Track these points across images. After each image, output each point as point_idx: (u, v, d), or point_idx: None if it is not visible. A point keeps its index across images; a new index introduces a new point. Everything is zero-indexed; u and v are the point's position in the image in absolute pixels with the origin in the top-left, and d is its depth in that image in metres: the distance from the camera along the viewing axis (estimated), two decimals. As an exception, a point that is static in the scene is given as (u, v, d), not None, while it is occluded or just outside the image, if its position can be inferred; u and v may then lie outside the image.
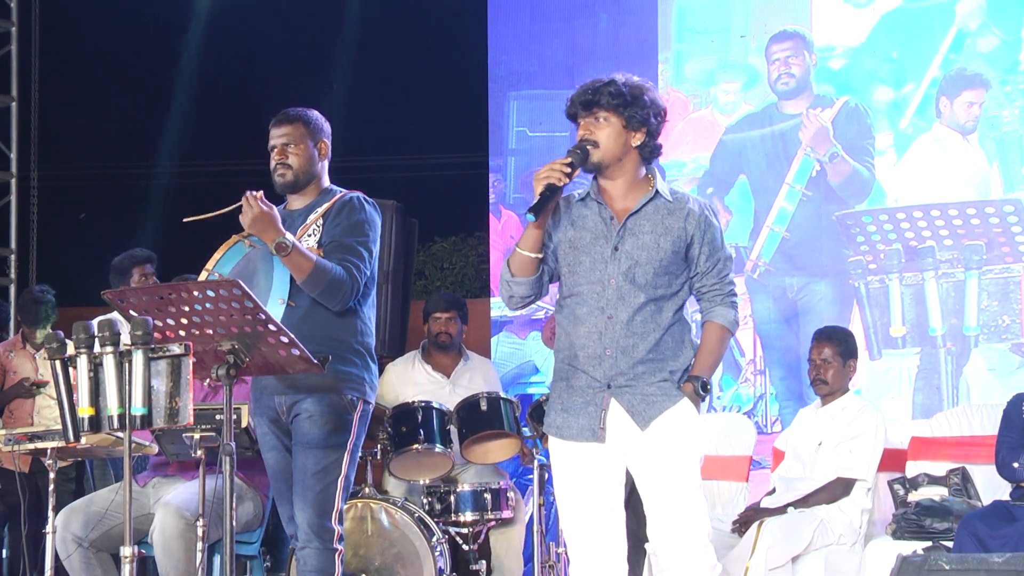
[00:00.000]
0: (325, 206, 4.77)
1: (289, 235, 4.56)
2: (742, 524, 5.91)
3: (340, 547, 4.64)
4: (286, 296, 4.64)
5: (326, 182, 4.88)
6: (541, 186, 4.09)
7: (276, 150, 4.82)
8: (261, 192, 4.61)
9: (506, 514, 6.59)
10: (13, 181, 10.57)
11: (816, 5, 8.00)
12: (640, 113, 4.23)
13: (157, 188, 14.97)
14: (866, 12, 7.89)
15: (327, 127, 4.91)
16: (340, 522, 4.66)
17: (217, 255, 4.67)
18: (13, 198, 10.56)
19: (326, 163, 4.89)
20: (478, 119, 9.07)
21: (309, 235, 4.75)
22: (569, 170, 4.13)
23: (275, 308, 4.58)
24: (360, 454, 6.37)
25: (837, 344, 6.14)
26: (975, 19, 7.64)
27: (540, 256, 4.21)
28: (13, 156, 10.56)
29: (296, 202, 4.86)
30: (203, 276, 4.63)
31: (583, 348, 4.20)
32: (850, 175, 7.80)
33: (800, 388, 7.63)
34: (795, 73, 7.98)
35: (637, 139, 4.24)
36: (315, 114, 4.90)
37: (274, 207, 4.60)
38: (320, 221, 4.76)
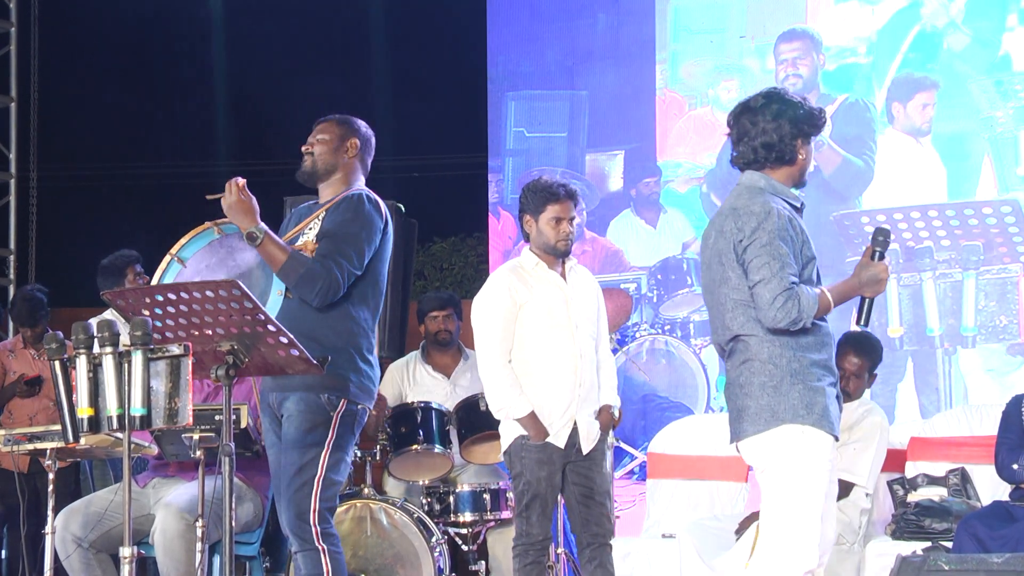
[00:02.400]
0: (334, 201, 4.78)
1: (263, 226, 4.56)
2: (741, 525, 5.92)
3: (325, 545, 4.59)
4: (284, 288, 4.65)
5: (356, 181, 4.87)
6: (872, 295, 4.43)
7: (307, 145, 4.88)
8: (244, 181, 4.60)
9: (505, 514, 6.59)
10: (12, 182, 10.58)
11: (811, 6, 8.00)
12: None
13: (156, 188, 14.98)
14: (863, 13, 7.89)
15: (364, 131, 4.93)
16: (323, 521, 4.61)
17: (183, 240, 4.67)
18: (12, 199, 10.56)
19: (357, 163, 4.88)
20: (477, 120, 9.08)
21: (310, 228, 4.76)
22: None
23: (275, 299, 4.62)
24: (359, 455, 6.44)
25: (867, 358, 6.08)
26: (940, 17, 7.66)
27: None
28: (12, 156, 10.57)
29: (323, 195, 4.88)
30: (166, 260, 4.63)
31: (832, 349, 4.41)
32: (841, 165, 7.81)
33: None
34: (802, 74, 7.96)
35: None
36: (355, 120, 4.95)
37: (253, 198, 4.60)
38: (322, 215, 4.76)
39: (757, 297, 4.22)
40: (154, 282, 4.61)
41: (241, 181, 4.60)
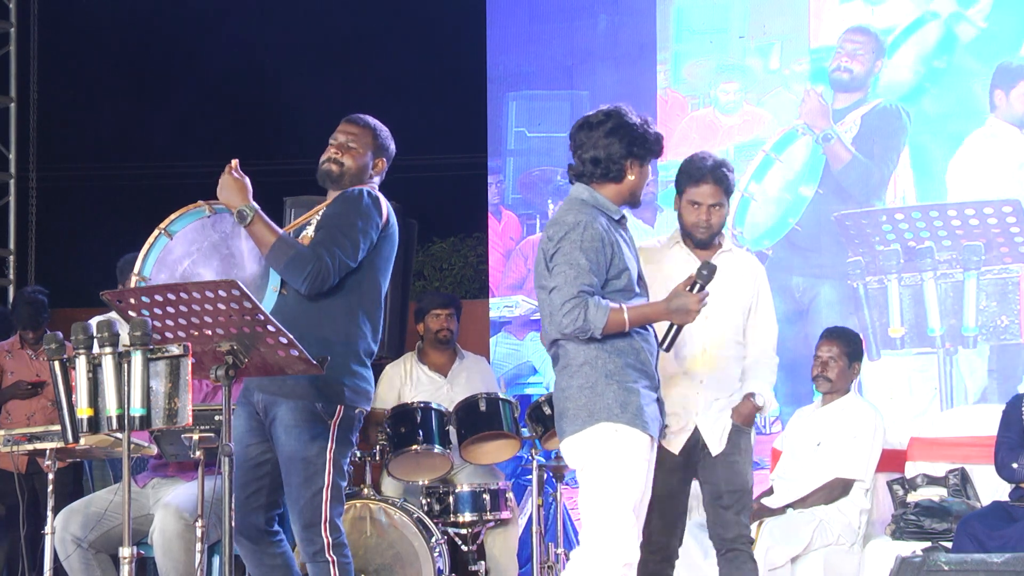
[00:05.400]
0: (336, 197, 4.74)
1: (254, 205, 4.50)
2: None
3: (334, 556, 4.53)
4: (279, 284, 4.59)
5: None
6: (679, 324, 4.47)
7: (336, 143, 4.76)
8: (236, 162, 4.58)
9: (505, 515, 6.59)
10: (12, 182, 10.58)
11: (814, 6, 8.00)
12: None
13: (156, 188, 14.98)
14: (865, 12, 7.88)
15: (392, 149, 4.87)
16: (334, 531, 4.56)
17: (173, 215, 4.62)
18: (12, 199, 10.56)
19: (376, 180, 4.83)
20: (477, 120, 9.07)
21: (309, 224, 4.72)
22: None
23: (271, 295, 4.55)
24: (359, 455, 6.44)
25: (844, 344, 6.16)
26: (947, 6, 7.64)
27: None
28: (12, 157, 10.57)
29: (331, 196, 4.79)
30: (154, 234, 4.59)
31: (651, 356, 4.48)
32: (850, 163, 7.79)
33: (801, 390, 7.63)
34: (853, 68, 7.91)
35: None
36: (387, 133, 4.86)
37: (246, 178, 4.55)
38: (324, 209, 4.73)
39: (551, 303, 4.37)
40: (141, 256, 4.57)
41: (235, 162, 4.57)
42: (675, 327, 4.45)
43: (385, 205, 4.74)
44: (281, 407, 4.56)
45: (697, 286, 4.40)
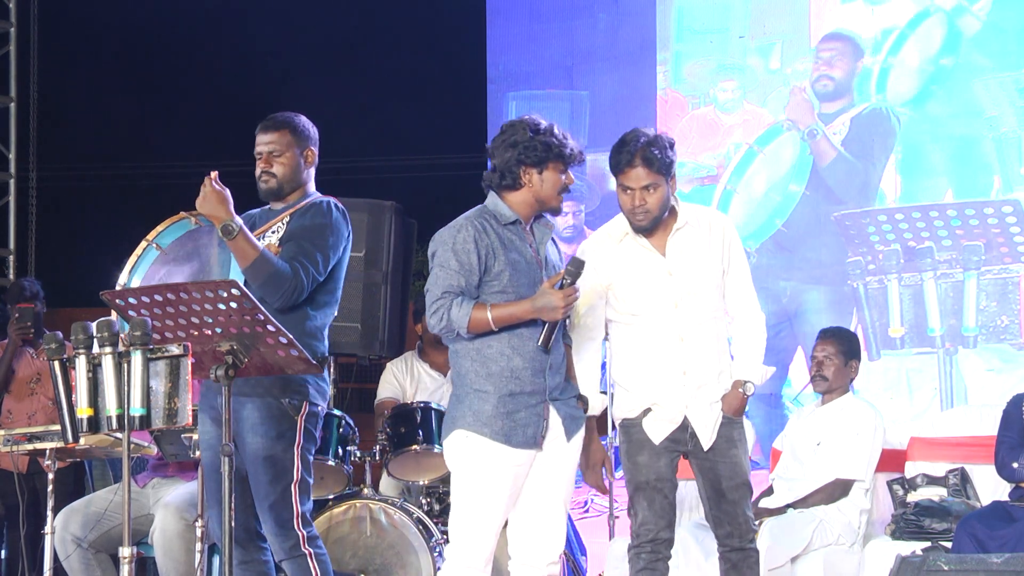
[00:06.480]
0: (297, 207, 4.75)
1: (238, 219, 4.53)
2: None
3: (311, 549, 4.58)
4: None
5: (311, 188, 4.85)
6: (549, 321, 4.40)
7: (262, 158, 4.79)
8: (216, 173, 4.58)
9: (505, 514, 6.59)
10: (12, 182, 10.59)
11: (815, 5, 8.00)
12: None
13: (156, 188, 15.00)
14: (865, 12, 7.89)
15: (314, 133, 4.87)
16: (306, 525, 4.61)
17: (160, 227, 4.65)
18: (12, 199, 10.57)
19: (312, 170, 4.86)
20: (477, 120, 9.09)
21: (272, 232, 4.73)
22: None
23: None
24: (359, 455, 6.44)
25: (839, 343, 6.16)
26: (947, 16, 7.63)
27: None
28: (12, 157, 10.58)
29: (278, 205, 4.84)
30: (142, 246, 4.61)
31: (529, 361, 4.45)
32: (836, 160, 7.80)
33: (796, 392, 7.64)
34: (835, 76, 7.92)
35: None
36: (302, 120, 4.86)
37: (227, 190, 4.56)
38: (287, 219, 4.74)
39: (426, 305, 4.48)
40: (127, 267, 4.60)
41: (214, 173, 4.58)
42: (547, 324, 4.41)
43: (347, 216, 4.81)
44: (246, 407, 4.58)
45: (566, 282, 4.36)
